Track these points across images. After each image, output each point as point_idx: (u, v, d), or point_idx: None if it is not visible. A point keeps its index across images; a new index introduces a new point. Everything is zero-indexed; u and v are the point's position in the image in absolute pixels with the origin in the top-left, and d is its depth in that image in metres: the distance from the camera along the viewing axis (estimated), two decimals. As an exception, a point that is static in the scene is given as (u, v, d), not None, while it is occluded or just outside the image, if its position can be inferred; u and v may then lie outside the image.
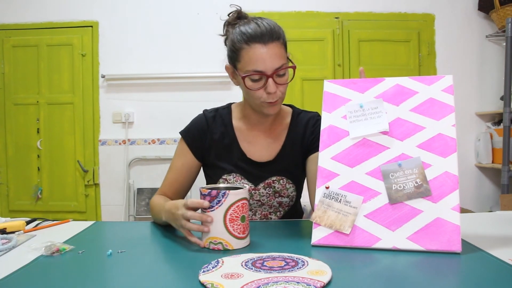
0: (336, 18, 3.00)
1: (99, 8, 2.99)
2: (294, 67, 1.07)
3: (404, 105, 0.90)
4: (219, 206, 0.82)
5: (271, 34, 1.02)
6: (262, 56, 1.01)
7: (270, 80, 1.02)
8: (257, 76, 1.03)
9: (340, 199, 0.87)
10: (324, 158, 0.92)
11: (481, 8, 2.97)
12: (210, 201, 0.83)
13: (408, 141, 0.87)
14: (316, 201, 0.89)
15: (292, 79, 1.07)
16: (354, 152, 0.90)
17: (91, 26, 2.99)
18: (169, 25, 3.00)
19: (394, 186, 0.85)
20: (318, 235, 0.87)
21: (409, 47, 3.00)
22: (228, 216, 0.82)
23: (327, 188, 0.89)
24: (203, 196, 0.84)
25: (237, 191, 0.83)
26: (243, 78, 1.04)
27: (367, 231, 0.84)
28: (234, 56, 1.07)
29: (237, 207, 0.83)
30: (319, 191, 0.89)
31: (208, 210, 0.83)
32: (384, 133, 0.89)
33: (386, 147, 0.88)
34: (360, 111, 0.92)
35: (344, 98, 0.95)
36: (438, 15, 3.01)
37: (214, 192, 0.82)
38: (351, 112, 0.93)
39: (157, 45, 3.00)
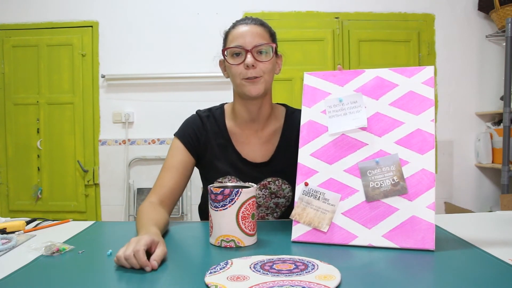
0: (336, 18, 3.00)
1: (99, 8, 2.99)
2: (274, 45, 1.11)
3: (384, 99, 0.90)
4: (232, 204, 0.83)
5: (255, 20, 1.13)
6: (243, 33, 1.08)
7: (249, 54, 1.06)
8: (237, 50, 1.08)
9: (319, 197, 0.88)
10: (304, 155, 0.92)
11: (481, 8, 2.97)
12: (222, 200, 0.84)
13: (387, 137, 0.87)
14: (296, 198, 0.90)
15: (272, 57, 1.10)
16: (332, 149, 0.90)
17: (91, 26, 2.99)
18: (169, 25, 3.00)
19: (371, 184, 0.85)
20: (297, 232, 0.88)
21: (409, 47, 3.00)
22: (240, 214, 0.84)
23: (306, 185, 0.90)
24: (214, 195, 0.85)
25: (248, 190, 0.85)
26: (225, 53, 1.10)
27: (345, 229, 0.85)
28: (223, 44, 1.15)
29: (248, 205, 0.85)
30: (299, 188, 0.90)
31: (221, 208, 0.84)
32: (363, 129, 0.89)
33: (365, 144, 0.88)
34: (339, 105, 0.92)
35: (324, 92, 0.95)
36: (438, 15, 3.01)
37: (227, 191, 0.83)
38: (330, 107, 0.93)
39: (157, 45, 3.00)
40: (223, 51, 1.12)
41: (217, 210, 0.84)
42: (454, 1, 3.01)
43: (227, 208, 0.83)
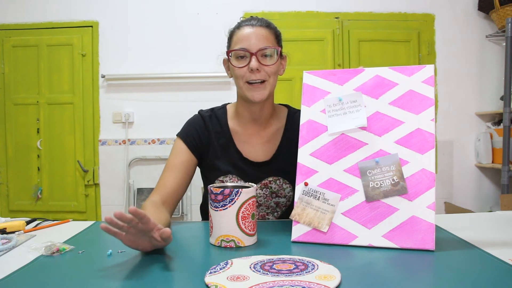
0: (336, 18, 3.00)
1: (99, 8, 2.99)
2: (279, 48, 1.10)
3: (384, 98, 0.90)
4: (232, 204, 0.83)
5: (261, 21, 1.11)
6: (248, 35, 1.07)
7: (253, 57, 1.06)
8: (241, 53, 1.07)
9: (319, 197, 0.88)
10: (303, 155, 0.92)
11: (481, 8, 2.97)
12: (222, 200, 0.83)
13: (386, 137, 0.87)
14: (296, 198, 0.90)
15: (277, 61, 1.10)
16: (332, 148, 0.90)
17: (91, 26, 2.99)
18: (169, 25, 3.00)
19: (371, 184, 0.85)
20: (297, 232, 0.88)
21: (409, 47, 3.00)
22: (240, 214, 0.84)
23: (306, 185, 0.89)
24: (214, 195, 0.84)
25: (248, 190, 0.85)
26: (229, 55, 1.10)
27: (345, 229, 0.85)
28: (228, 44, 1.14)
29: (248, 205, 0.84)
30: (299, 188, 0.90)
31: (221, 208, 0.84)
32: (363, 128, 0.89)
33: (364, 143, 0.88)
34: (339, 104, 0.92)
35: (323, 91, 0.95)
36: (438, 15, 3.01)
37: (227, 191, 0.83)
38: (329, 106, 0.92)
39: (157, 45, 3.00)
40: (227, 53, 1.12)
41: (217, 210, 0.84)
42: (454, 1, 3.02)
43: (227, 208, 0.83)
